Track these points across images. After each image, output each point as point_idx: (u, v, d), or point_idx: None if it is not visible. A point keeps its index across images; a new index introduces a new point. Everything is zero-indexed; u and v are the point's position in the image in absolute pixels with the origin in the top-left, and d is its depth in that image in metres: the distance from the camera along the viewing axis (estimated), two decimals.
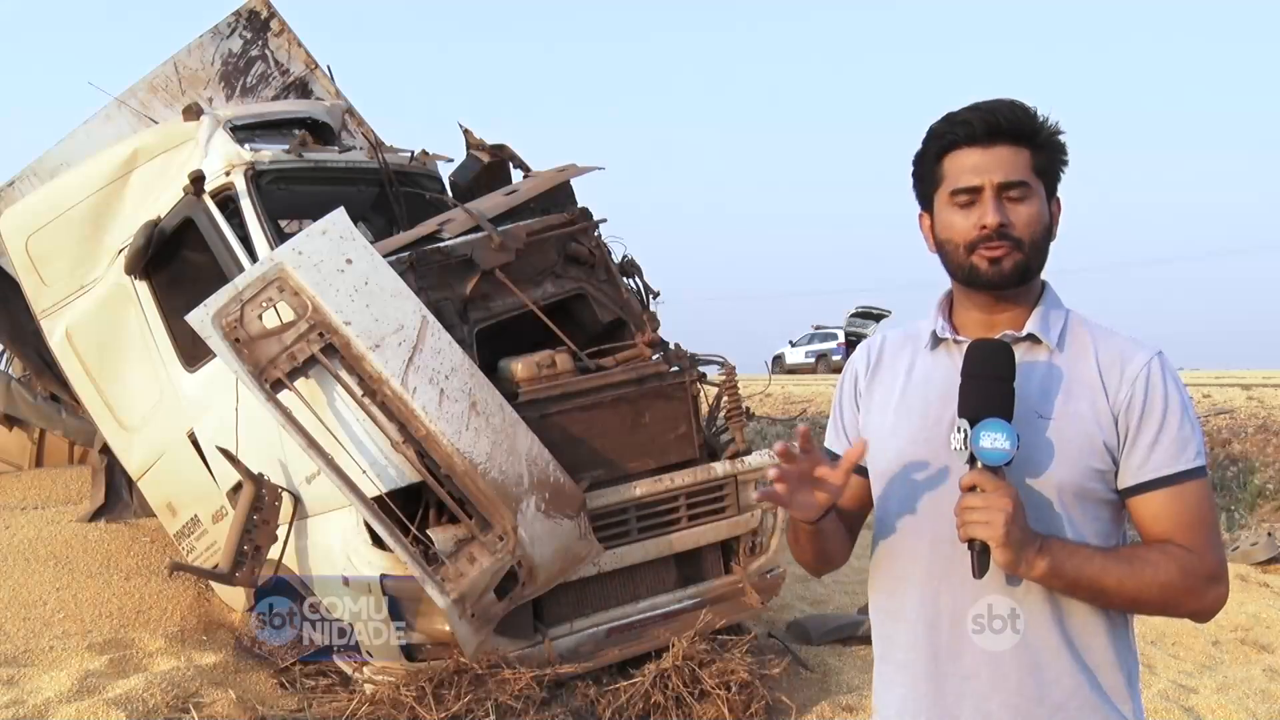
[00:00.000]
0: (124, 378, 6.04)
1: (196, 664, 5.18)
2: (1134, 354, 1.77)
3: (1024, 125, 1.77)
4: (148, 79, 7.09)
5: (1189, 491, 1.73)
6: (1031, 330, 1.81)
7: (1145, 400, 1.73)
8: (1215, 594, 1.72)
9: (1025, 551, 1.65)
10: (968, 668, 1.78)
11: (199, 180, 5.42)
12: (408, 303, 4.66)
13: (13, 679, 4.92)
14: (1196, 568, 1.70)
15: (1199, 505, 1.74)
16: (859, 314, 31.92)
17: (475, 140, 6.82)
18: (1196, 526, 1.73)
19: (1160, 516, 1.74)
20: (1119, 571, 1.69)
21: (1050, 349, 1.81)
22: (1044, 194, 1.79)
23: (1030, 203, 1.77)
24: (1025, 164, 1.77)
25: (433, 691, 4.46)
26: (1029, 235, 1.77)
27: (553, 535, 4.63)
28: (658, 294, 5.97)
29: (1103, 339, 1.81)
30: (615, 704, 4.65)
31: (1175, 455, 1.73)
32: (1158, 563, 1.70)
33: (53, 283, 6.17)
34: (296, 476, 4.96)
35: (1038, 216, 1.77)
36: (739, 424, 5.49)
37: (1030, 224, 1.77)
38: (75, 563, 6.33)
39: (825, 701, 5.07)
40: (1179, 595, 1.71)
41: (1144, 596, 1.71)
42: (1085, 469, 1.74)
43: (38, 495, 8.02)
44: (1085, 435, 1.74)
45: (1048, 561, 1.67)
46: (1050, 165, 1.80)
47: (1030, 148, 1.77)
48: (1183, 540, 1.72)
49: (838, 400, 2.05)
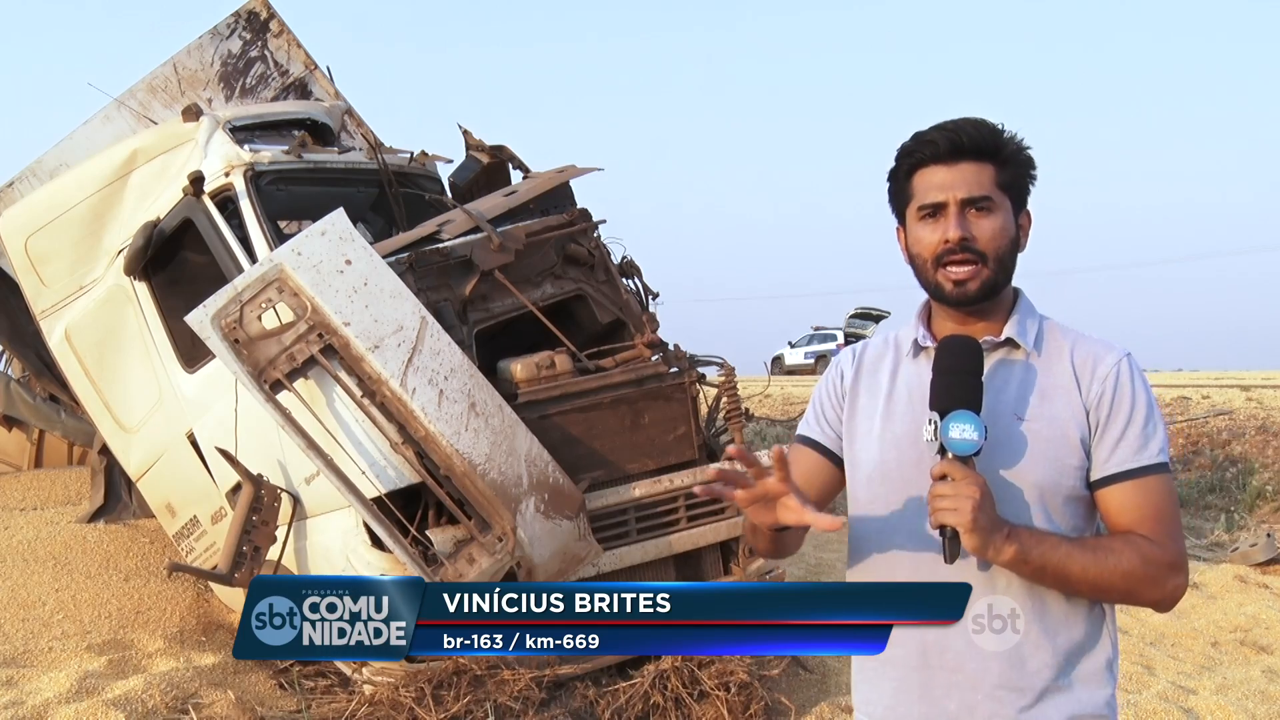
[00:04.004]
0: (123, 378, 6.03)
1: (196, 665, 5.18)
2: (1105, 355, 1.85)
3: (986, 142, 1.84)
4: (147, 80, 7.09)
5: (1151, 485, 1.81)
6: (1009, 335, 1.89)
7: (1114, 398, 1.82)
8: (1175, 583, 1.79)
9: (993, 537, 1.72)
10: (952, 662, 1.84)
11: (198, 181, 5.42)
12: (407, 303, 4.66)
13: (12, 680, 4.92)
14: (1158, 557, 1.77)
15: (1161, 498, 1.81)
16: (858, 315, 31.93)
17: (474, 141, 6.82)
18: (1158, 518, 1.80)
19: (1125, 508, 1.81)
20: (1084, 559, 1.76)
21: (1027, 352, 1.89)
22: (1010, 208, 1.86)
23: (994, 216, 1.84)
24: (989, 179, 1.84)
25: (432, 692, 4.46)
26: (993, 249, 1.84)
27: (552, 536, 4.63)
28: (657, 295, 5.98)
29: (1077, 342, 1.89)
30: (614, 705, 4.65)
31: (1139, 450, 1.81)
32: (1120, 551, 1.77)
33: (52, 283, 6.16)
34: (296, 477, 4.96)
35: (1002, 230, 1.85)
36: (738, 425, 5.49)
37: (994, 237, 1.84)
38: (74, 563, 6.34)
39: (824, 702, 5.07)
40: (1140, 584, 1.77)
41: (1107, 583, 1.77)
42: (1061, 466, 1.82)
43: (37, 496, 8.02)
44: (1061, 434, 1.82)
45: (1015, 547, 1.73)
46: (1016, 180, 1.87)
47: (994, 163, 1.85)
48: (1145, 531, 1.79)
49: (819, 391, 2.09)
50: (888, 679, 1.91)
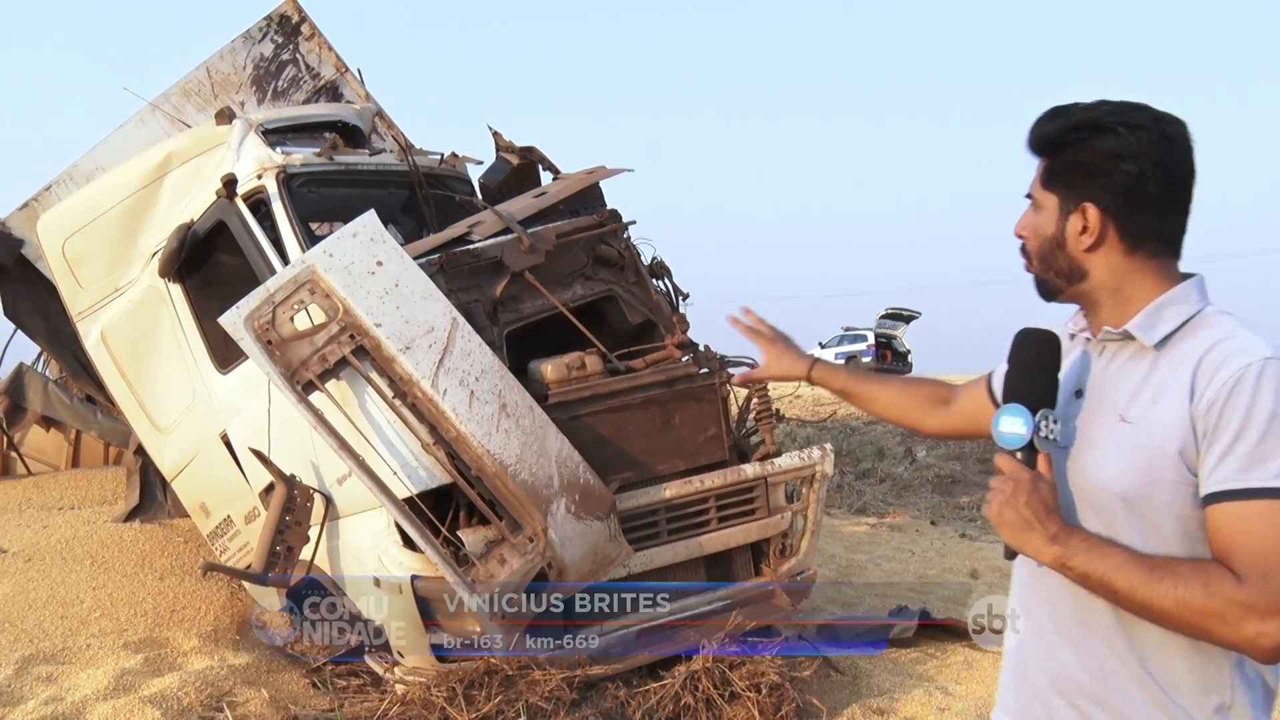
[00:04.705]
0: (158, 379, 6.09)
1: (230, 663, 5.22)
2: (1236, 357, 1.62)
3: (1039, 136, 1.79)
4: (181, 83, 7.16)
5: (1255, 512, 1.56)
6: (1130, 328, 1.74)
7: (1225, 405, 1.59)
8: (1256, 629, 1.53)
9: (1027, 535, 1.67)
10: (1035, 665, 1.85)
11: (231, 183, 5.46)
12: (438, 305, 4.67)
13: (51, 676, 4.98)
14: (1231, 594, 1.55)
15: (1263, 529, 1.55)
16: (889, 315, 31.68)
17: (504, 143, 6.85)
18: (1252, 552, 1.56)
19: (1218, 533, 1.60)
20: (1133, 576, 1.61)
21: (1148, 348, 1.72)
22: (1056, 204, 1.77)
23: (1034, 213, 1.81)
24: (1038, 174, 1.80)
25: (463, 692, 4.47)
26: (1033, 247, 1.82)
27: (582, 537, 4.63)
28: (687, 295, 5.97)
29: (1220, 342, 1.66)
30: (645, 706, 4.64)
31: (1246, 469, 1.57)
32: (1184, 578, 1.58)
33: (88, 285, 6.23)
34: (328, 478, 4.99)
35: (1039, 227, 1.80)
36: (769, 426, 5.47)
37: (1032, 235, 1.82)
38: (111, 562, 6.41)
39: (856, 705, 5.04)
40: (1203, 618, 1.57)
41: (1160, 608, 1.60)
42: (1154, 478, 1.66)
43: (74, 496, 8.13)
44: (1159, 443, 1.65)
45: (1058, 550, 1.66)
46: (1061, 175, 1.77)
47: (1046, 157, 1.79)
48: (1235, 563, 1.57)
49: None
50: (1003, 674, 1.95)
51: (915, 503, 12.03)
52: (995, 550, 9.27)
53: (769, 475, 5.33)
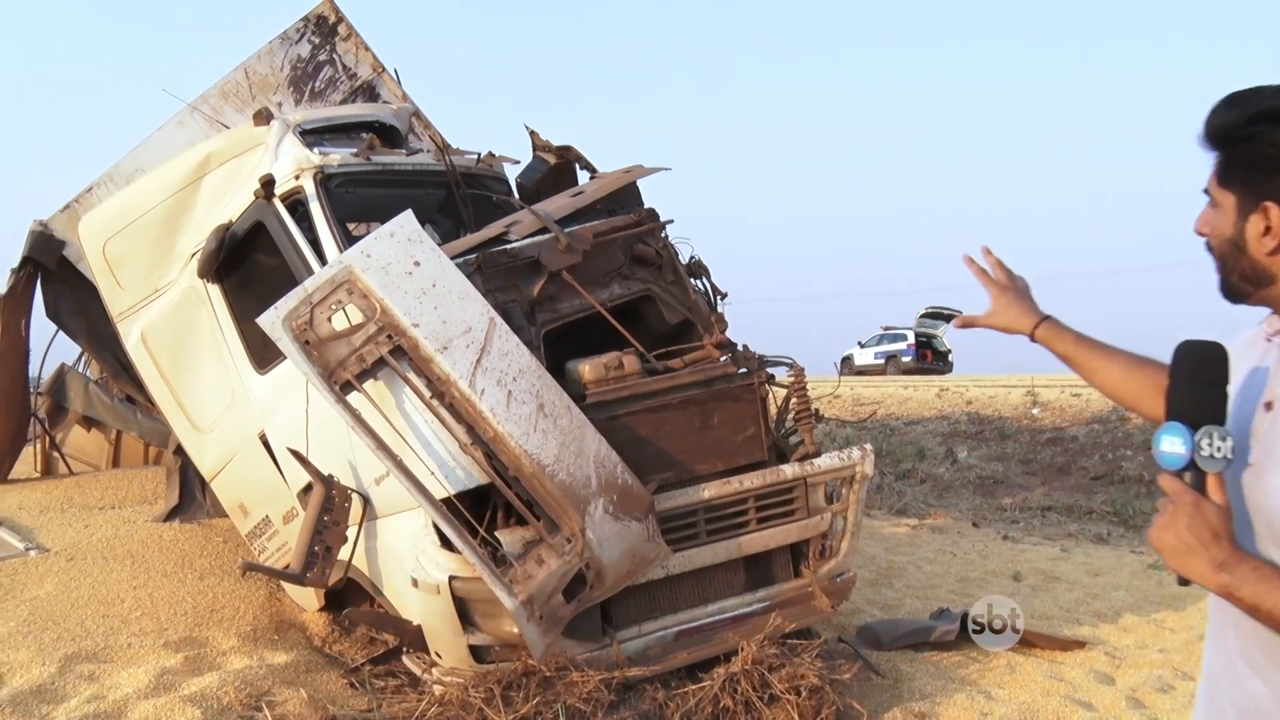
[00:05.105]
0: (197, 380, 6.13)
1: (268, 663, 5.24)
2: None
3: (1214, 128, 1.65)
4: (219, 85, 7.22)
5: None
6: None
7: None
8: None
9: (1189, 560, 1.52)
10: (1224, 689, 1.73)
11: (269, 184, 5.47)
12: (475, 305, 4.66)
13: (93, 674, 5.02)
14: None
15: None
16: (929, 314, 31.46)
17: (541, 142, 6.83)
18: None
19: None
20: None
21: None
22: (1234, 202, 1.64)
23: (1213, 210, 1.67)
24: (1213, 170, 1.66)
25: (501, 693, 4.44)
26: (1214, 246, 1.68)
27: (621, 537, 4.60)
28: (725, 295, 5.92)
29: None
30: (684, 708, 4.60)
31: None
32: None
33: (128, 286, 6.28)
34: (366, 478, 4.99)
35: (1217, 226, 1.66)
36: (808, 426, 5.42)
37: (1212, 234, 1.68)
38: (151, 562, 6.45)
39: (897, 708, 4.97)
40: None
41: None
42: None
43: (115, 495, 8.20)
44: None
45: (1225, 578, 1.51)
46: (1240, 172, 1.63)
47: (1222, 152, 1.65)
48: None
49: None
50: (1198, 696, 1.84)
51: (956, 504, 11.92)
52: (1038, 553, 9.15)
53: (808, 476, 5.27)
